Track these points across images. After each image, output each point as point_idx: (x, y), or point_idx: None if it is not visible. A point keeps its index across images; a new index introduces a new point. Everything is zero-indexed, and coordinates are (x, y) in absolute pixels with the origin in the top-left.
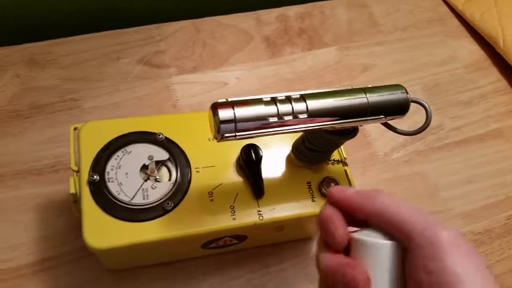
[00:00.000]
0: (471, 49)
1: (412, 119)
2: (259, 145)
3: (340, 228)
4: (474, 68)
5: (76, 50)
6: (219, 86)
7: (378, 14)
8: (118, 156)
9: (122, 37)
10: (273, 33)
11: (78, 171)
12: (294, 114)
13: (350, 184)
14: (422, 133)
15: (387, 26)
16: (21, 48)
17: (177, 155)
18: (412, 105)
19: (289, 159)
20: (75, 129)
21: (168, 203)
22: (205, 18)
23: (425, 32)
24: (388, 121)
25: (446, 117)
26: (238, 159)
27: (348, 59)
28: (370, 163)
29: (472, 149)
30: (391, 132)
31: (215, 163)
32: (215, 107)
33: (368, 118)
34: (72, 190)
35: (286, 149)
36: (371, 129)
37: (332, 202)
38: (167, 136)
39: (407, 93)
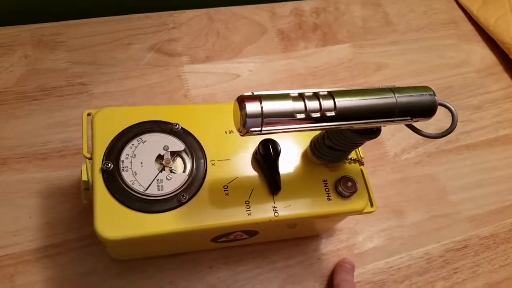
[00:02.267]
0: (483, 54)
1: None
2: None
3: None
4: (485, 73)
5: (87, 33)
6: (232, 78)
7: (393, 14)
8: (133, 144)
9: (134, 22)
10: (287, 27)
11: (90, 158)
12: (322, 111)
13: (366, 184)
14: None
15: (401, 26)
16: (30, 28)
17: (193, 146)
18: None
19: (305, 156)
20: (88, 114)
21: (183, 195)
22: (219, 8)
23: (438, 34)
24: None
25: (457, 120)
26: (255, 153)
27: (362, 57)
28: (380, 163)
29: (481, 153)
30: (401, 133)
31: (231, 156)
32: (242, 100)
33: (395, 118)
34: (84, 177)
35: (303, 145)
36: (383, 129)
37: None
38: (183, 126)
39: (435, 95)
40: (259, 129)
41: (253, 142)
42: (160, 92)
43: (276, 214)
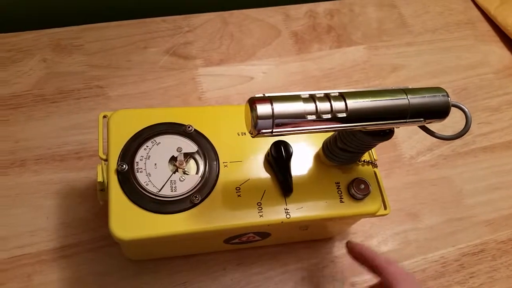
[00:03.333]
0: (501, 55)
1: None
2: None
3: None
4: (504, 74)
5: (104, 37)
6: (246, 80)
7: (408, 15)
8: (147, 146)
9: (149, 26)
10: (301, 29)
11: (106, 160)
12: (333, 112)
13: (379, 186)
14: None
15: (417, 27)
16: (49, 32)
17: (205, 148)
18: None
19: (318, 158)
20: (104, 116)
21: (196, 197)
22: (233, 11)
23: (455, 35)
24: (426, 125)
25: (474, 122)
26: (267, 155)
27: (377, 59)
28: (396, 165)
29: (498, 156)
30: (417, 135)
31: (243, 158)
32: (253, 101)
33: (408, 120)
34: (100, 179)
35: (315, 147)
36: (398, 131)
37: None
38: (196, 128)
39: (448, 96)
40: (270, 130)
41: (265, 144)
42: (175, 95)
43: (288, 216)
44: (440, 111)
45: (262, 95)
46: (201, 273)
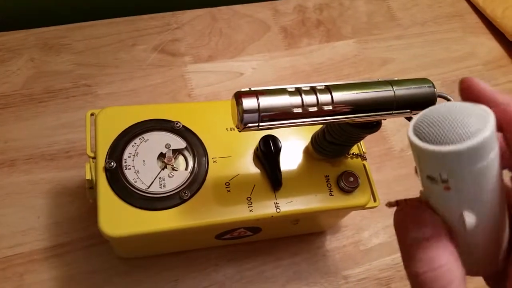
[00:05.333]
0: (490, 46)
1: None
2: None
3: None
4: (493, 65)
5: (91, 36)
6: (235, 76)
7: (397, 8)
8: (135, 143)
9: (137, 23)
10: (291, 24)
11: (94, 157)
12: (319, 105)
13: (368, 179)
14: None
15: (406, 20)
16: (36, 32)
17: (194, 144)
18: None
19: (307, 152)
20: (91, 114)
21: (185, 193)
22: (221, 7)
23: (444, 27)
24: (413, 116)
25: None
26: (256, 149)
27: (366, 52)
28: (386, 158)
29: None
30: (407, 128)
31: (232, 154)
32: (239, 96)
33: (394, 111)
34: (88, 176)
35: (304, 141)
36: (388, 124)
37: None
38: (185, 124)
39: (434, 87)
40: (256, 124)
41: (254, 139)
42: (164, 92)
43: (278, 210)
44: (426, 102)
45: (248, 89)
46: (193, 270)
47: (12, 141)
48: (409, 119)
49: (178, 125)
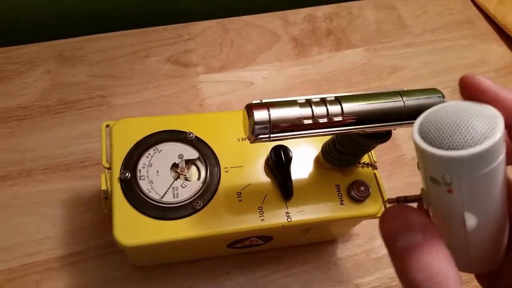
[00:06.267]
0: (501, 53)
1: None
2: (288, 146)
3: None
4: (504, 72)
5: (106, 47)
6: (246, 85)
7: (407, 16)
8: (149, 154)
9: (151, 35)
10: (301, 33)
11: (109, 168)
12: (329, 116)
13: (379, 188)
14: None
15: (416, 28)
16: (52, 44)
17: (206, 154)
18: None
19: (317, 161)
20: (107, 126)
21: (197, 202)
22: (233, 18)
23: (454, 34)
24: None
25: None
26: (267, 159)
27: (376, 60)
28: (398, 166)
29: None
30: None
31: (244, 163)
32: (250, 108)
33: (404, 122)
34: (104, 187)
35: (315, 150)
36: (399, 132)
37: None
38: (197, 135)
39: (443, 97)
40: (267, 136)
41: (265, 149)
42: (176, 102)
43: (289, 219)
44: None
45: (259, 101)
46: (205, 278)
47: (29, 151)
48: None
49: (190, 135)
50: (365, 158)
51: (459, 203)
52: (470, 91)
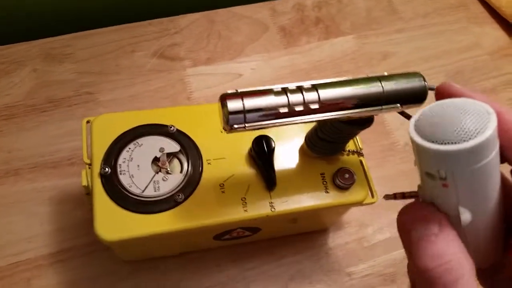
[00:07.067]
0: (496, 36)
1: None
2: (271, 137)
3: None
4: (499, 54)
5: (92, 44)
6: (234, 77)
7: (398, 1)
8: (130, 148)
9: (137, 30)
10: (289, 23)
11: (90, 164)
12: (305, 104)
13: (365, 175)
14: None
15: (407, 13)
16: (39, 43)
17: (188, 147)
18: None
19: (302, 151)
20: (87, 122)
21: (179, 195)
22: (219, 10)
23: (447, 18)
24: (405, 110)
25: None
26: (250, 150)
27: (366, 47)
28: (390, 153)
29: None
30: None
31: (226, 155)
32: (224, 98)
33: (382, 107)
34: (84, 183)
35: (300, 140)
36: (390, 118)
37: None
38: (179, 128)
39: (424, 80)
40: (242, 125)
41: (248, 140)
42: (163, 96)
43: (273, 209)
44: (416, 96)
45: (234, 91)
46: (195, 271)
47: (16, 151)
48: (401, 113)
49: (172, 129)
50: (351, 146)
51: (454, 198)
52: (445, 96)
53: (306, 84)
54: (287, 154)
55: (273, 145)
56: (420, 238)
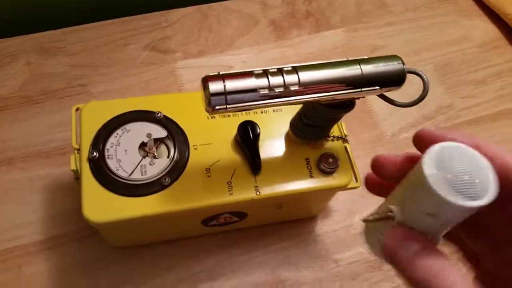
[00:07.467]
0: (485, 28)
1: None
2: (257, 122)
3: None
4: (488, 47)
5: (86, 38)
6: (224, 70)
7: None
8: (117, 134)
9: (129, 24)
10: (279, 17)
11: (79, 149)
12: (286, 86)
13: (350, 161)
14: (432, 112)
15: (397, 7)
16: (33, 37)
17: (175, 132)
18: (418, 79)
19: (287, 136)
20: (77, 109)
21: (165, 179)
22: (211, 4)
23: (436, 11)
24: (385, 93)
25: (457, 96)
26: (236, 136)
27: (356, 41)
28: (378, 143)
29: (484, 128)
30: (399, 112)
31: (213, 141)
32: (206, 80)
33: (362, 89)
34: (73, 167)
35: (286, 126)
36: (378, 109)
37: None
38: (166, 114)
39: (403, 63)
40: (224, 107)
41: (234, 126)
42: (155, 88)
43: (258, 193)
44: (395, 78)
45: (216, 73)
46: (184, 257)
47: (10, 140)
48: (381, 96)
49: (159, 115)
50: (336, 131)
51: (438, 226)
52: (422, 142)
53: (286, 66)
54: (273, 140)
55: (258, 131)
56: (411, 254)
